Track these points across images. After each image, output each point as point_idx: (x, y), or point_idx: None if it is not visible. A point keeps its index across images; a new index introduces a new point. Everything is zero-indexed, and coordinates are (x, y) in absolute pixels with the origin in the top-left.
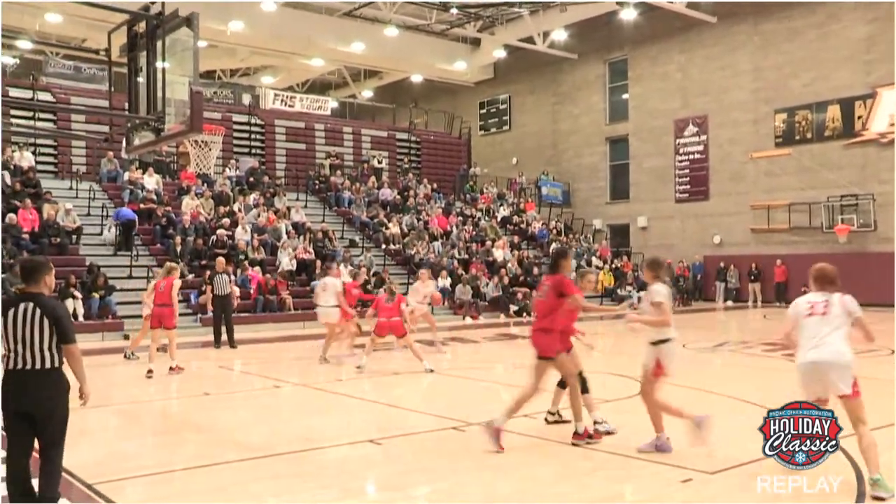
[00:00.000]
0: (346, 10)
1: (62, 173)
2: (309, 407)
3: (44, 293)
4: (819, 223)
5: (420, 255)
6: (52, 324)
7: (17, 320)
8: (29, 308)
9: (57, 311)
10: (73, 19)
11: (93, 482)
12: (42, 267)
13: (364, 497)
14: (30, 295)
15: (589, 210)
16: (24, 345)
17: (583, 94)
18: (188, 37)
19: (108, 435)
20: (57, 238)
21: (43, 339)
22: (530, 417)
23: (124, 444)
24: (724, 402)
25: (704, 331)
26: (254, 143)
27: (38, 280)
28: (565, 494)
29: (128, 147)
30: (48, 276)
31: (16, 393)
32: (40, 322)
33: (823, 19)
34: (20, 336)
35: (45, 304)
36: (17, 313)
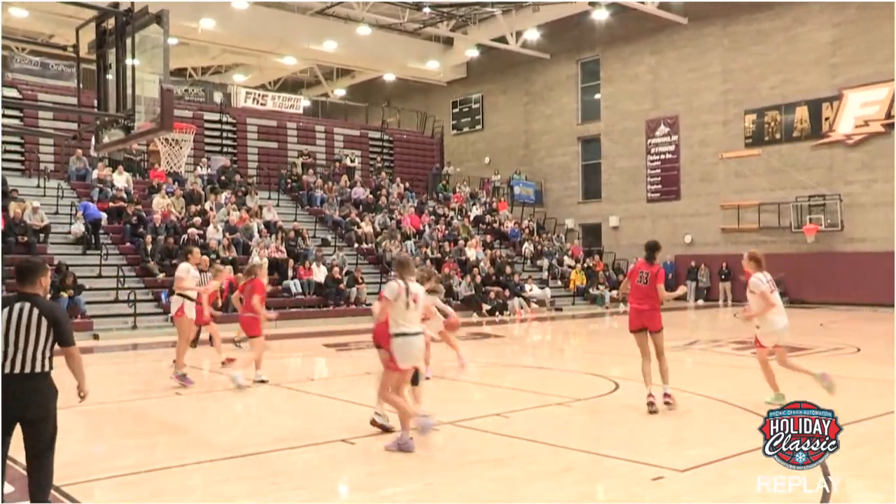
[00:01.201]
0: (318, 8)
1: (29, 171)
2: (281, 407)
3: (39, 294)
4: (788, 223)
5: (392, 254)
6: (51, 326)
7: (13, 321)
8: (25, 308)
9: (56, 313)
10: (40, 14)
11: (61, 484)
12: (39, 268)
13: (336, 498)
14: (26, 295)
15: (561, 210)
16: (16, 347)
17: (555, 94)
18: (158, 34)
19: (76, 436)
20: (24, 237)
21: (39, 341)
22: (502, 416)
23: (93, 446)
24: (695, 399)
25: (676, 329)
26: (225, 142)
27: (34, 281)
28: (538, 494)
29: (97, 145)
30: (44, 277)
31: (5, 397)
32: (38, 324)
33: (790, 23)
34: (13, 337)
35: (43, 305)
36: (11, 314)
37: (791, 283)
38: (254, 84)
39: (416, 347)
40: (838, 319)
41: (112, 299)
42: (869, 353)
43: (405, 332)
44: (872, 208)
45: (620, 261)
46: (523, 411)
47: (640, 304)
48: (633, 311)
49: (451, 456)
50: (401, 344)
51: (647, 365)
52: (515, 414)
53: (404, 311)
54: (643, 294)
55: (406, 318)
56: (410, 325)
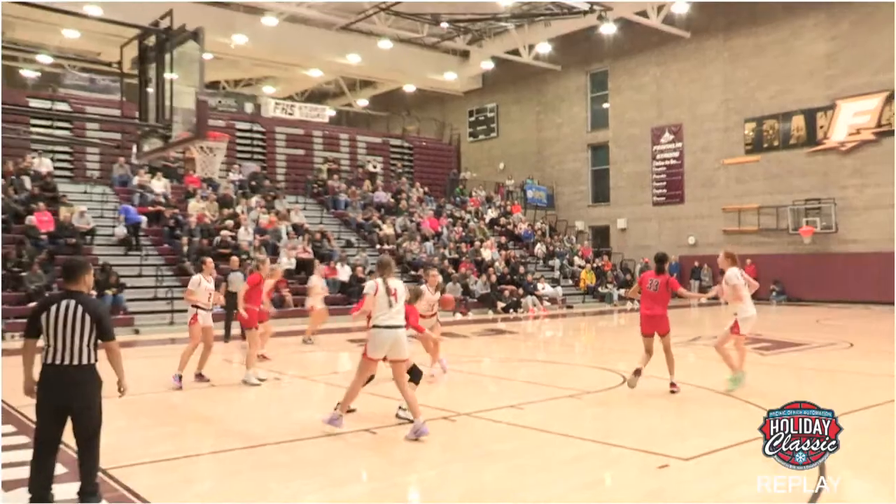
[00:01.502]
0: (342, 24)
1: (77, 178)
2: (307, 398)
3: (83, 291)
4: (786, 225)
5: (413, 254)
6: (94, 322)
7: (59, 317)
8: (71, 305)
9: (99, 310)
10: (90, 34)
11: (107, 467)
12: (83, 267)
13: (357, 484)
14: (71, 293)
15: (572, 212)
16: (63, 341)
17: (565, 103)
18: (194, 49)
19: (117, 424)
20: (72, 239)
21: (83, 336)
22: (516, 408)
23: (133, 433)
24: (698, 392)
25: (679, 326)
26: (256, 149)
27: (78, 279)
28: (548, 483)
29: (138, 153)
30: (87, 275)
31: (54, 387)
32: (82, 319)
33: (787, 36)
34: (61, 332)
35: (87, 302)
36: (59, 310)
37: (788, 282)
38: (282, 95)
39: (388, 340)
40: (833, 316)
41: (151, 297)
42: (862, 348)
43: (378, 325)
44: (864, 211)
45: (628, 261)
46: (536, 403)
47: (650, 310)
48: (644, 316)
49: (467, 445)
50: (374, 335)
51: (647, 360)
52: (529, 406)
53: (383, 306)
54: (653, 300)
55: (383, 313)
56: (386, 320)
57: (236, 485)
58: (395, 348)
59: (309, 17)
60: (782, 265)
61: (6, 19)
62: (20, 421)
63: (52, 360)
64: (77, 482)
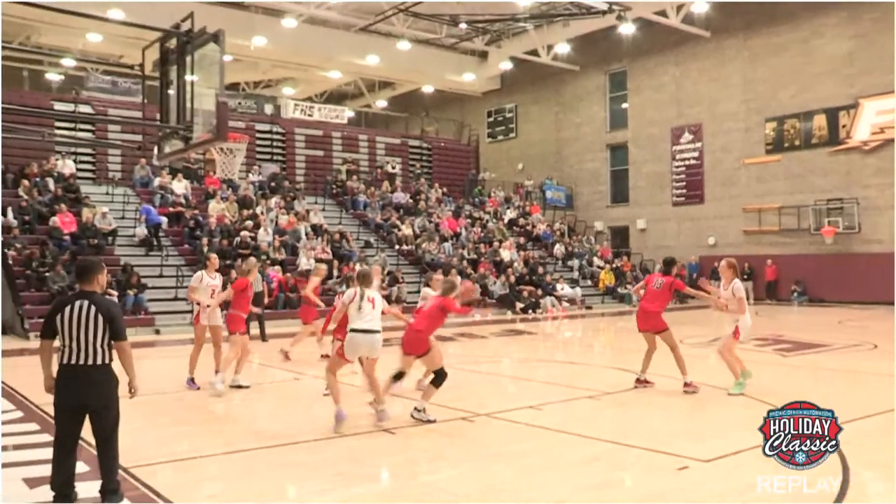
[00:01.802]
0: (361, 25)
1: (99, 179)
2: (326, 398)
3: (97, 291)
4: (807, 225)
5: (431, 255)
6: (107, 321)
7: (73, 317)
8: (84, 305)
9: (111, 310)
10: (112, 38)
11: (128, 466)
12: (95, 267)
13: (377, 484)
14: (85, 293)
15: (590, 213)
16: (78, 341)
17: (584, 103)
18: (215, 52)
19: (138, 424)
20: (94, 239)
21: (97, 335)
22: (535, 409)
23: (154, 432)
24: (718, 393)
25: (700, 327)
26: (275, 150)
27: (91, 279)
28: (564, 482)
29: (159, 154)
30: (101, 275)
31: (71, 387)
32: (95, 319)
33: (808, 35)
34: (75, 332)
35: (99, 302)
36: (72, 310)
37: (810, 282)
38: (301, 96)
39: (365, 343)
40: (856, 317)
41: (172, 297)
42: (886, 349)
43: (354, 329)
44: (888, 211)
45: (647, 261)
46: (555, 404)
47: (649, 305)
48: (641, 311)
49: (486, 445)
50: (350, 339)
51: (651, 355)
52: (547, 406)
53: (357, 312)
54: (653, 296)
55: (359, 318)
56: (363, 324)
57: (256, 484)
58: (370, 350)
59: (328, 19)
60: (804, 265)
61: (32, 25)
62: (43, 419)
63: (68, 360)
64: (99, 480)
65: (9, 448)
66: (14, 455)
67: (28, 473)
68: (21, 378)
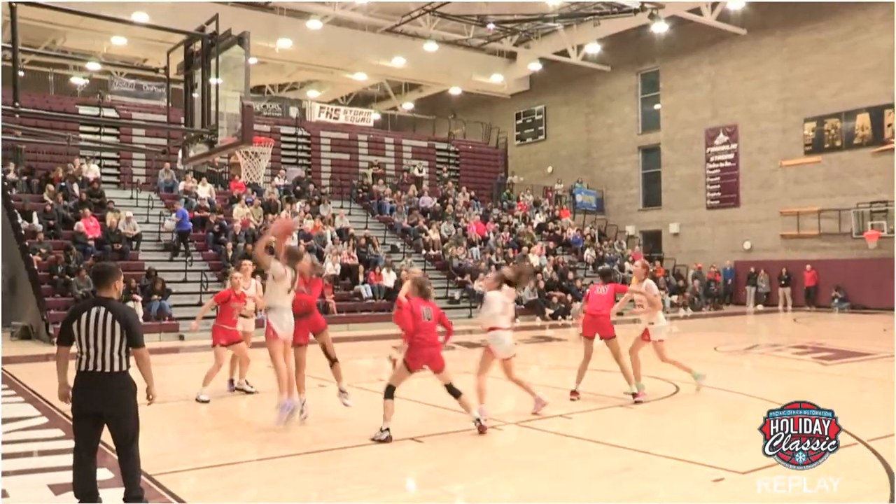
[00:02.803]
0: (387, 26)
1: (123, 184)
2: (353, 406)
3: (113, 297)
4: (848, 229)
5: (459, 259)
6: (123, 328)
7: (90, 324)
8: (101, 312)
9: (128, 316)
10: (136, 41)
11: (153, 473)
12: (112, 272)
13: (404, 493)
14: (101, 299)
15: (622, 217)
16: (95, 348)
17: (615, 104)
18: (240, 54)
19: (162, 430)
20: (118, 244)
21: (114, 342)
22: (565, 417)
23: (178, 439)
24: (752, 402)
25: (734, 334)
26: (300, 154)
27: (108, 285)
28: (598, 493)
29: (184, 158)
30: (118, 281)
31: (88, 394)
32: (112, 326)
33: (851, 31)
34: (92, 339)
35: (116, 308)
36: (89, 317)
37: (852, 288)
38: (327, 99)
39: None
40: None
41: (196, 303)
42: None
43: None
44: None
45: (680, 266)
46: (585, 413)
47: (597, 309)
48: (589, 317)
49: (514, 455)
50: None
51: (586, 364)
52: (577, 415)
53: (284, 292)
54: (600, 302)
55: (282, 298)
56: (284, 303)
57: (282, 492)
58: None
59: (353, 20)
60: (844, 271)
61: (58, 29)
62: (67, 425)
63: (86, 367)
64: (123, 487)
65: (33, 454)
66: (39, 461)
67: (53, 480)
68: (46, 384)
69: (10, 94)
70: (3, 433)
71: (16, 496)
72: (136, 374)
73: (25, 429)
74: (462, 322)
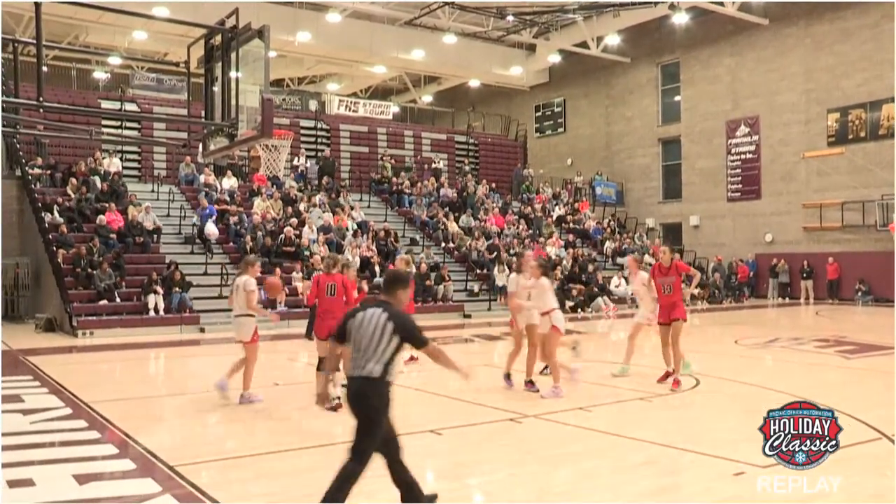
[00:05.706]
0: (406, 19)
1: (145, 177)
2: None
3: (392, 304)
4: (872, 221)
5: (478, 251)
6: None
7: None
8: (376, 315)
9: (406, 324)
10: (157, 35)
11: (174, 464)
12: (401, 280)
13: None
14: (381, 303)
15: (642, 209)
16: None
17: (635, 96)
18: (259, 48)
19: (184, 421)
20: (140, 237)
21: (380, 345)
22: (585, 410)
23: (199, 431)
24: (775, 396)
25: (756, 327)
26: (320, 147)
27: (393, 292)
28: (618, 487)
29: (204, 152)
30: (402, 291)
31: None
32: (382, 329)
33: (878, 19)
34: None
35: (394, 314)
36: (364, 318)
37: (876, 281)
38: (346, 92)
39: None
40: None
41: (216, 295)
42: None
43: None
44: None
45: (701, 259)
46: (605, 405)
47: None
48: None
49: (534, 447)
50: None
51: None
52: (597, 408)
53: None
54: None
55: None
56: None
57: (305, 484)
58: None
59: (372, 13)
60: (868, 264)
61: (80, 24)
62: (91, 416)
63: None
64: (144, 479)
65: (56, 444)
66: (63, 451)
67: (77, 470)
68: (70, 375)
69: (35, 89)
70: (29, 424)
71: (42, 487)
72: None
73: (50, 419)
74: (481, 314)
